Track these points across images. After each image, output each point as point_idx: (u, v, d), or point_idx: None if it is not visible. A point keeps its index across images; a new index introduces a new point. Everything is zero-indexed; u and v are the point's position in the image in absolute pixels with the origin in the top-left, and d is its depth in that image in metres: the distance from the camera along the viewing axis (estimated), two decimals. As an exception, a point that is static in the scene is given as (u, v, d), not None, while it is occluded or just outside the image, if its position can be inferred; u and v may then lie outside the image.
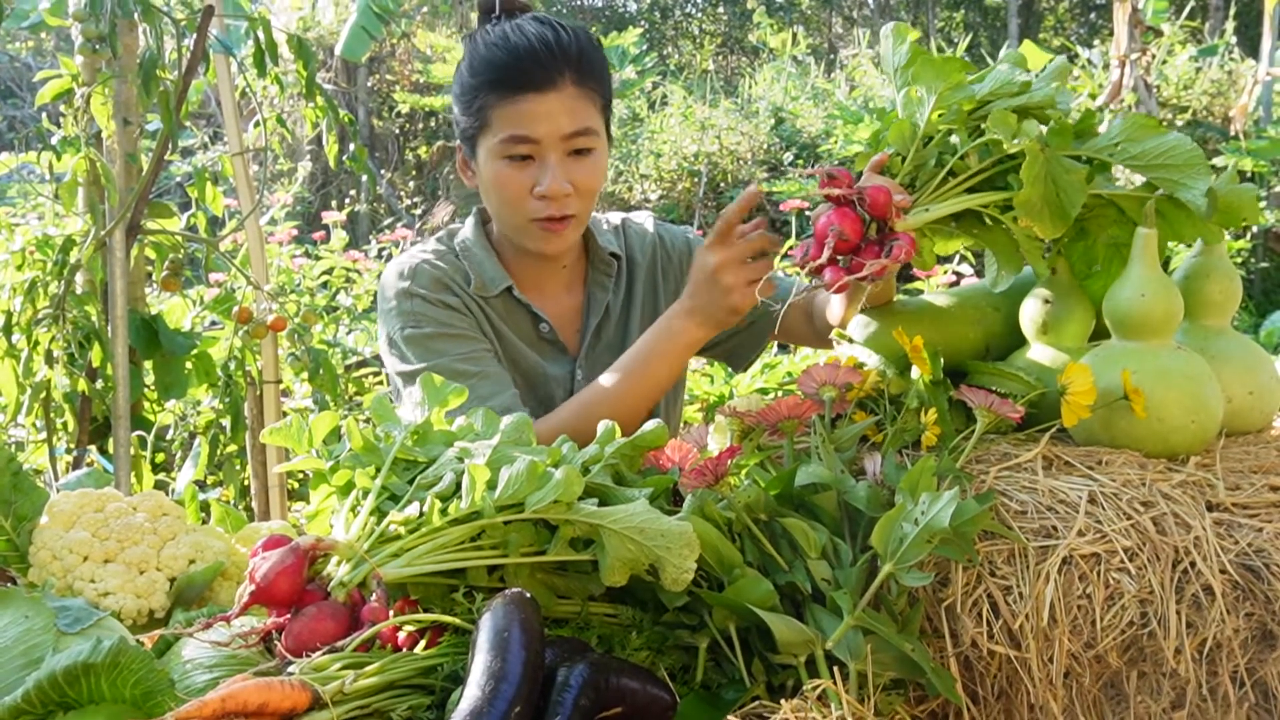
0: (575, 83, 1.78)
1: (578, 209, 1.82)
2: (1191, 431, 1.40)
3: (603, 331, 2.02)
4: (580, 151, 1.80)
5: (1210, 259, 1.58)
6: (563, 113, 1.76)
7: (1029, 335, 1.61)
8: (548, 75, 1.75)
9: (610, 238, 2.06)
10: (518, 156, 1.79)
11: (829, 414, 1.41)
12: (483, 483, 1.22)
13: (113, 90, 2.59)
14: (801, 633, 1.16)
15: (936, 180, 1.48)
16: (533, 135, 1.76)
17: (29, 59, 13.58)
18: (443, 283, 1.91)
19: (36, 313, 2.58)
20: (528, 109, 1.76)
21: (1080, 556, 1.23)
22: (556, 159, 1.78)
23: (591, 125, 1.80)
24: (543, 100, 1.75)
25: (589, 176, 1.82)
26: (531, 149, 1.78)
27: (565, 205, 1.80)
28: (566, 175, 1.79)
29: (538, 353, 1.97)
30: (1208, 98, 8.62)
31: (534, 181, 1.79)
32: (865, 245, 1.42)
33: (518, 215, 1.83)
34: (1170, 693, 1.24)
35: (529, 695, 1.00)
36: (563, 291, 2.01)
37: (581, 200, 1.82)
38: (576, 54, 1.78)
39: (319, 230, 5.37)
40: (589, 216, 1.92)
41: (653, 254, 2.08)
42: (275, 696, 0.97)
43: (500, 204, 1.85)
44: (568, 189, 1.79)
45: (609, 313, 2.02)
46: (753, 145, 9.42)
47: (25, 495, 1.34)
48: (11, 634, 1.09)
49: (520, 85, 1.75)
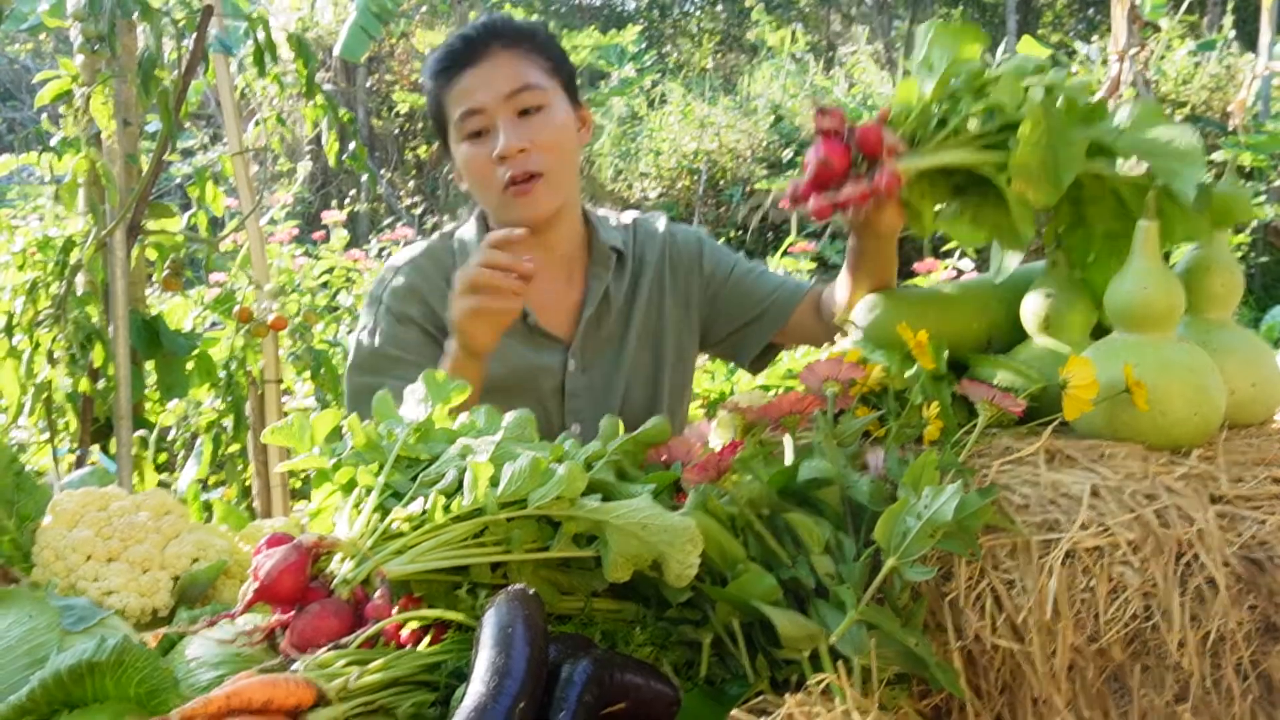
0: (505, 48, 1.87)
1: (542, 166, 1.86)
2: (1194, 424, 1.40)
3: (602, 323, 2.03)
4: (529, 111, 1.86)
5: (1212, 252, 1.57)
6: (497, 76, 1.85)
7: (1030, 329, 1.61)
8: (475, 48, 1.87)
9: (616, 233, 2.07)
10: (474, 133, 1.87)
11: (832, 409, 1.41)
12: (485, 479, 1.22)
13: (112, 90, 2.60)
14: (805, 628, 1.16)
15: (937, 138, 1.49)
16: (476, 105, 1.85)
17: (28, 61, 13.57)
18: (414, 295, 1.96)
19: (38, 313, 2.58)
20: (465, 84, 1.86)
21: (1083, 550, 1.23)
22: (505, 121, 1.84)
23: (532, 82, 1.86)
24: (476, 72, 1.86)
25: (544, 132, 1.86)
26: (482, 121, 1.85)
27: (525, 162, 1.84)
28: (519, 134, 1.84)
29: (525, 343, 1.98)
30: (1206, 92, 8.61)
31: (492, 150, 1.86)
32: (853, 179, 1.44)
33: (491, 190, 1.88)
34: (1174, 686, 1.24)
35: (533, 691, 1.00)
36: (561, 283, 2.02)
37: (545, 157, 1.86)
38: (503, 26, 1.89)
39: (319, 230, 5.37)
40: (565, 179, 1.92)
41: (662, 252, 2.09)
42: (280, 693, 0.97)
43: (475, 186, 1.91)
44: (521, 144, 1.83)
45: (609, 305, 2.03)
46: (752, 143, 9.42)
47: (28, 494, 1.34)
48: (16, 633, 1.09)
49: (456, 65, 1.87)
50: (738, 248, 9.14)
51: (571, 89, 1.96)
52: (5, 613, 1.13)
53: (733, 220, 9.00)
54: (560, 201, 1.93)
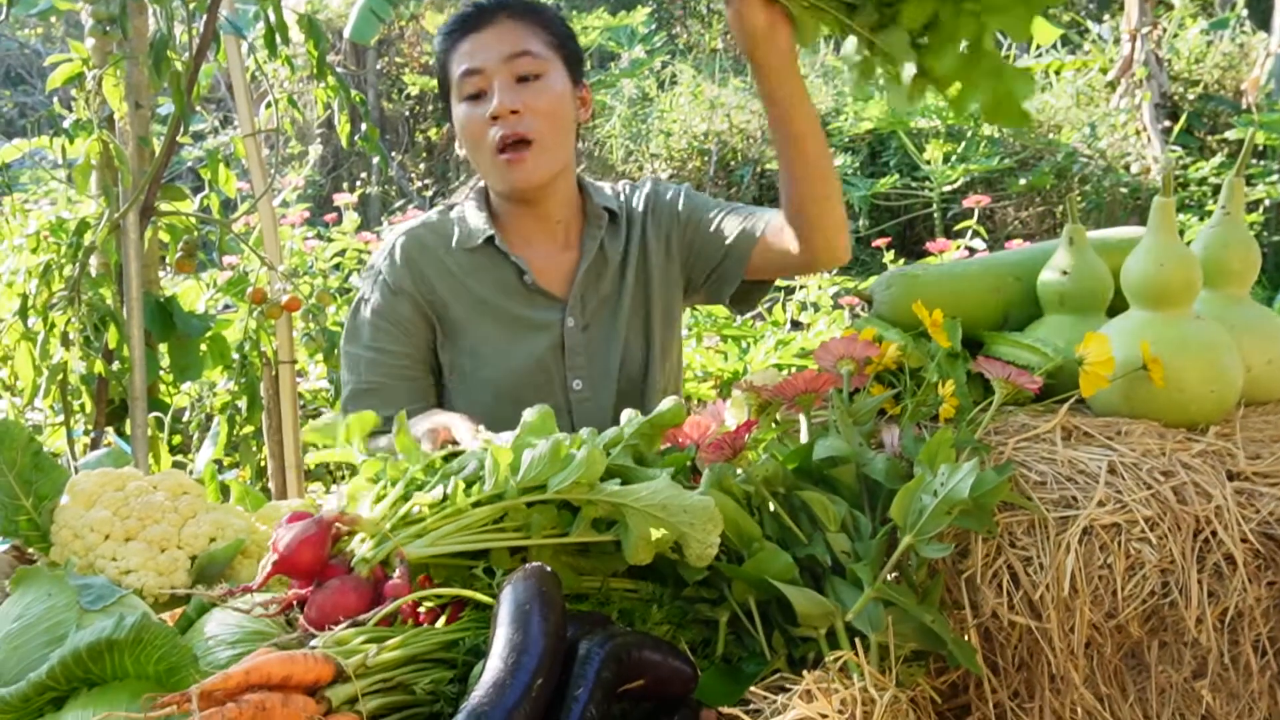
0: (511, 17, 1.93)
1: (534, 132, 1.89)
2: (1211, 400, 1.39)
3: (599, 281, 2.05)
4: (527, 78, 1.90)
5: (1229, 228, 1.57)
6: (500, 41, 1.91)
7: (1046, 306, 1.61)
8: (484, 15, 1.93)
9: (610, 197, 2.11)
10: (472, 95, 1.91)
11: (847, 387, 1.41)
12: (505, 464, 1.23)
13: (124, 73, 2.59)
14: (822, 605, 1.16)
15: None
16: (475, 65, 1.90)
17: (38, 45, 13.58)
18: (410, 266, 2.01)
19: (52, 295, 2.58)
20: (469, 46, 1.92)
21: (1100, 527, 1.23)
22: (502, 82, 1.89)
23: (532, 49, 1.91)
24: (480, 36, 1.92)
25: (539, 98, 1.90)
26: (479, 81, 1.90)
27: (516, 124, 1.88)
28: (514, 97, 1.88)
29: (523, 303, 2.01)
30: (1219, 71, 8.53)
31: (487, 110, 1.90)
32: None
33: (484, 152, 1.92)
34: (1192, 662, 1.24)
35: (551, 667, 1.00)
36: (558, 248, 2.05)
37: (538, 123, 1.90)
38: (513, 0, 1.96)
39: (331, 212, 5.36)
40: (557, 148, 1.95)
41: (647, 206, 2.12)
42: (299, 669, 0.98)
43: (470, 148, 1.96)
44: (515, 105, 1.88)
45: (605, 263, 2.06)
46: (762, 123, 9.36)
47: (46, 475, 1.34)
48: (35, 611, 1.10)
49: (462, 29, 1.94)
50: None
51: (573, 67, 2.00)
52: (25, 591, 1.14)
53: (744, 201, 8.97)
54: (553, 171, 1.96)
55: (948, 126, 7.99)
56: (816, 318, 3.93)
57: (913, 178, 7.90)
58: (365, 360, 2.00)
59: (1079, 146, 7.90)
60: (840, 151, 8.28)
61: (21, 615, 1.11)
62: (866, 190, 7.72)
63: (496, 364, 2.00)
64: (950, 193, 7.57)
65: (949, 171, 7.42)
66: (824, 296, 4.04)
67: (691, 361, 3.57)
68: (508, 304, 2.01)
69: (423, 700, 1.06)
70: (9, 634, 1.09)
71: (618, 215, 2.08)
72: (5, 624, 1.11)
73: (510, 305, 2.01)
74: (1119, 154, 7.88)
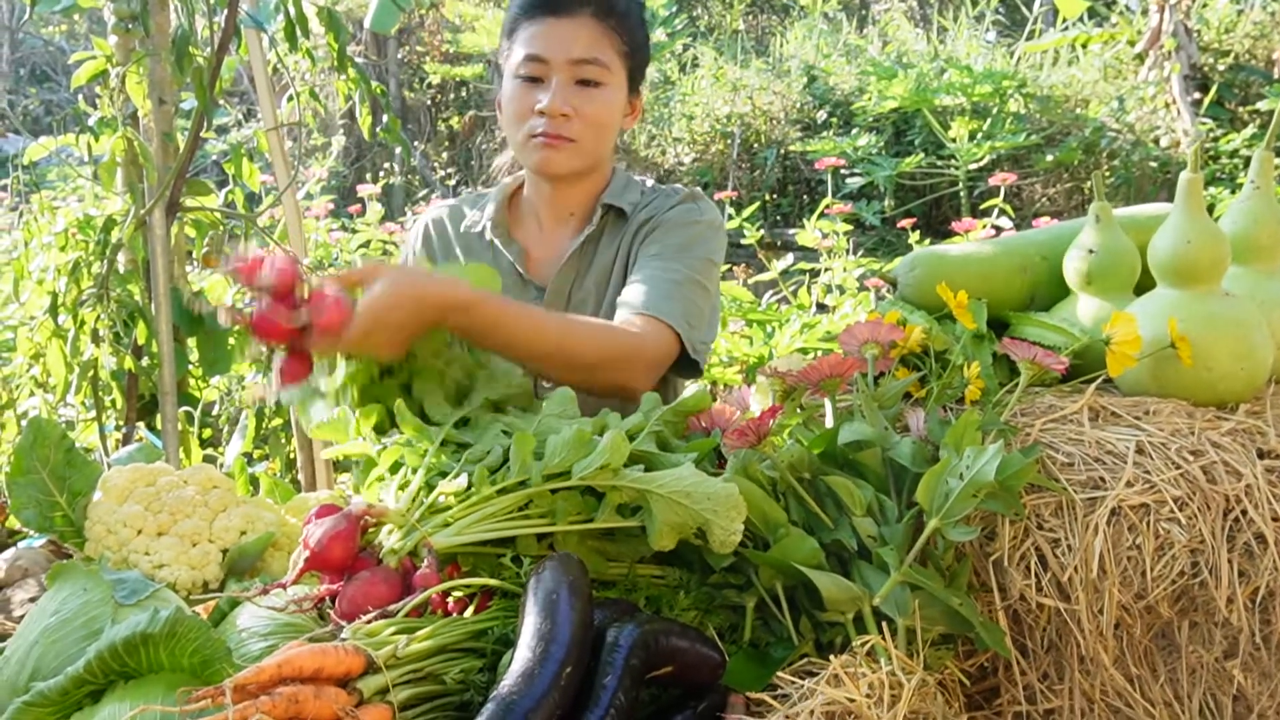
0: (594, 16, 1.88)
1: (577, 136, 1.88)
2: (1241, 379, 1.38)
3: (582, 279, 1.99)
4: (588, 82, 1.88)
5: (1257, 203, 1.55)
6: (574, 39, 1.87)
7: (1073, 286, 1.59)
8: (569, 3, 1.88)
9: (620, 194, 2.02)
10: (528, 77, 1.89)
11: (872, 371, 1.41)
12: (528, 450, 1.23)
13: (147, 70, 2.61)
14: (848, 590, 1.16)
15: None
16: (543, 54, 1.87)
17: (62, 42, 13.68)
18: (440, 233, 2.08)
19: (81, 293, 2.61)
20: (542, 30, 1.88)
21: (1129, 507, 1.22)
22: (562, 81, 1.86)
23: (602, 58, 1.88)
24: (558, 24, 1.87)
25: (592, 106, 1.88)
26: (541, 69, 1.87)
27: (562, 126, 1.87)
28: (569, 100, 1.86)
29: (515, 292, 1.96)
30: (1250, 40, 8.40)
31: (539, 100, 1.88)
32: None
33: (520, 130, 1.91)
34: (1223, 642, 1.23)
35: (579, 656, 1.01)
36: (562, 237, 2.04)
37: (585, 129, 1.88)
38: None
39: (355, 204, 5.39)
40: (594, 152, 1.94)
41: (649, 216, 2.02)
42: (330, 661, 0.99)
43: (508, 119, 1.94)
44: (566, 110, 1.86)
45: (592, 263, 2.00)
46: (785, 104, 9.32)
47: (79, 471, 1.36)
48: (71, 606, 1.11)
49: (542, 8, 1.89)
50: (773, 211, 9.02)
51: (635, 76, 1.97)
52: (61, 587, 1.15)
53: (767, 183, 8.94)
54: (580, 167, 1.95)
55: (973, 103, 7.92)
56: (842, 300, 3.91)
57: (938, 156, 7.84)
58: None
59: (1107, 121, 7.81)
60: (865, 131, 8.23)
61: (58, 610, 1.13)
62: (892, 170, 7.66)
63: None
64: (976, 170, 7.51)
65: (975, 149, 7.35)
66: (849, 279, 4.02)
67: (717, 346, 3.56)
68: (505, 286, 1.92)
69: (453, 690, 1.07)
70: (47, 629, 1.11)
71: (626, 215, 2.01)
72: (43, 619, 1.13)
73: (507, 289, 1.90)
74: (1148, 127, 7.78)
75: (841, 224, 4.18)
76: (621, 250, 2.01)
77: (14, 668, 1.10)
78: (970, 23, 9.95)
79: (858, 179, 7.66)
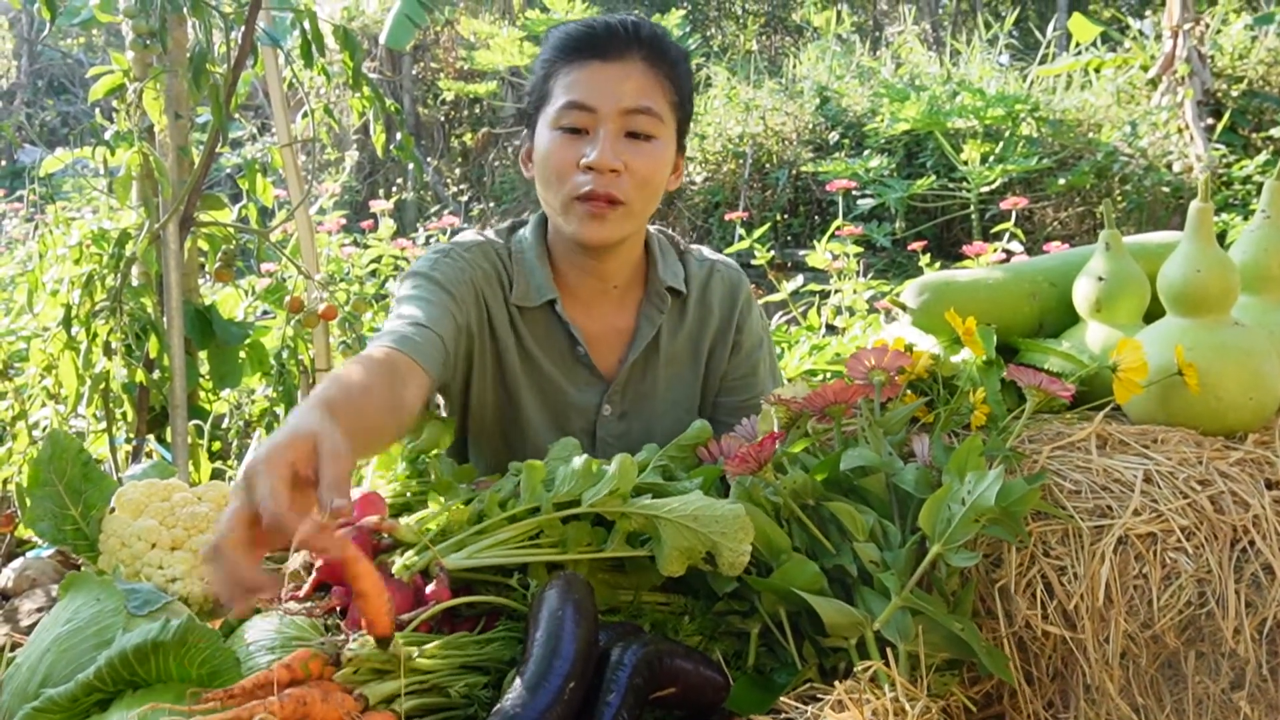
0: (645, 61, 1.69)
1: (627, 196, 1.68)
2: (1250, 408, 1.38)
3: (647, 369, 1.86)
4: (638, 135, 1.68)
5: (1269, 232, 1.55)
6: (625, 86, 1.67)
7: (1082, 312, 1.60)
8: (616, 45, 1.68)
9: (678, 270, 1.89)
10: (572, 128, 1.68)
11: (878, 396, 1.41)
12: (539, 479, 1.24)
13: (164, 85, 2.63)
14: (850, 615, 1.16)
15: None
16: (590, 103, 1.66)
17: (80, 55, 13.79)
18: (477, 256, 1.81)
19: (94, 305, 2.63)
20: (589, 75, 1.68)
21: (1136, 536, 1.22)
22: (611, 133, 1.66)
23: (655, 108, 1.68)
24: (606, 68, 1.67)
25: (643, 161, 1.68)
26: (587, 119, 1.67)
27: (612, 185, 1.67)
28: (619, 153, 1.66)
29: (567, 376, 1.83)
30: (1264, 67, 8.41)
31: (583, 154, 1.67)
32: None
33: (561, 190, 1.70)
34: (1229, 673, 1.23)
35: (583, 673, 1.01)
36: (611, 313, 1.87)
37: (634, 188, 1.69)
38: (651, 38, 1.70)
39: (367, 219, 5.42)
40: (642, 215, 1.76)
41: (721, 303, 1.93)
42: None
43: (547, 177, 1.71)
44: (616, 165, 1.65)
45: (658, 351, 1.87)
46: (798, 125, 9.35)
47: (95, 485, 1.38)
48: (84, 615, 1.12)
49: (587, 51, 1.68)
50: (784, 231, 9.02)
51: (682, 131, 1.79)
52: (75, 596, 1.17)
53: (778, 203, 8.95)
54: (628, 233, 1.77)
55: (985, 127, 7.94)
56: (851, 321, 3.91)
57: (950, 179, 7.86)
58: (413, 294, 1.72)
59: (1120, 145, 7.82)
60: (877, 153, 8.25)
61: (71, 619, 1.14)
62: (903, 192, 7.68)
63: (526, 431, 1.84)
64: (988, 193, 7.52)
65: (987, 172, 7.36)
66: (859, 301, 4.03)
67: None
68: (553, 373, 1.83)
69: (457, 703, 1.08)
70: (58, 637, 1.12)
71: (683, 295, 1.89)
72: (55, 627, 1.14)
73: (555, 375, 1.83)
74: (1161, 153, 7.79)
75: (852, 246, 4.19)
76: (684, 341, 1.89)
77: (25, 674, 1.11)
78: (983, 46, 9.98)
79: (869, 200, 7.68)
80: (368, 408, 1.31)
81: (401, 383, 1.46)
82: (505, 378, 1.82)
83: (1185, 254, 1.44)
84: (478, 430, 1.84)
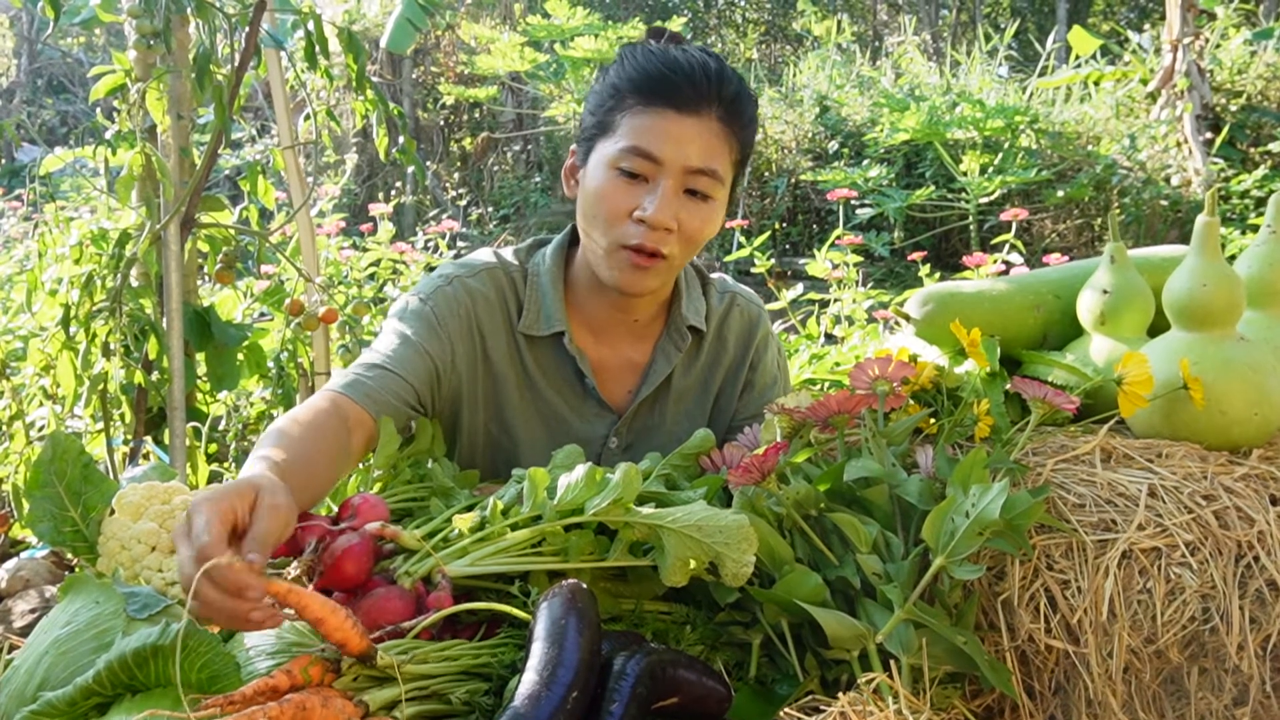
0: (721, 119, 1.63)
1: (672, 252, 1.64)
2: (1255, 424, 1.38)
3: (656, 404, 1.84)
4: (697, 194, 1.63)
5: (1274, 247, 1.55)
6: (695, 142, 1.61)
7: (1087, 326, 1.60)
8: (696, 99, 1.60)
9: (700, 306, 1.87)
10: (632, 172, 1.61)
11: (882, 407, 1.41)
12: (542, 486, 1.24)
13: (167, 85, 2.63)
14: (852, 627, 1.15)
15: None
16: (657, 154, 1.59)
17: (80, 54, 13.78)
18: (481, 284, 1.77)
19: (94, 306, 2.62)
20: (660, 124, 1.60)
21: (1140, 550, 1.22)
22: (671, 188, 1.60)
23: (719, 170, 1.63)
24: (680, 121, 1.60)
25: (697, 223, 1.63)
26: (650, 168, 1.60)
27: (661, 240, 1.62)
28: (674, 212, 1.61)
29: (573, 407, 1.80)
30: (1263, 82, 8.43)
31: (639, 204, 1.61)
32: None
33: (609, 235, 1.64)
34: (1232, 689, 1.22)
35: (586, 682, 1.01)
36: (626, 345, 1.83)
37: (680, 244, 1.64)
38: (733, 94, 1.64)
39: (366, 222, 5.41)
40: (682, 266, 1.72)
41: (738, 345, 1.91)
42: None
43: (595, 217, 1.65)
44: (670, 223, 1.60)
45: (669, 387, 1.84)
46: (797, 134, 9.37)
47: (95, 487, 1.37)
48: (83, 618, 1.12)
49: (664, 98, 1.61)
50: (783, 240, 9.03)
51: (736, 185, 1.74)
52: (74, 598, 1.16)
53: (777, 212, 8.96)
54: (665, 284, 1.76)
55: (984, 138, 7.95)
56: (851, 331, 3.91)
57: (949, 189, 7.88)
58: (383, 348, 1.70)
59: (1118, 158, 7.84)
60: (876, 162, 8.26)
61: (70, 621, 1.13)
62: (902, 201, 7.69)
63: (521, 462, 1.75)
64: (986, 204, 7.53)
65: (986, 183, 7.38)
66: (858, 310, 4.03)
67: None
68: (557, 403, 1.79)
69: (459, 710, 1.07)
70: (57, 639, 1.12)
71: (703, 333, 1.86)
72: (53, 629, 1.13)
73: (559, 405, 1.80)
74: (1159, 166, 7.81)
75: (851, 255, 4.19)
76: (696, 376, 1.87)
77: (23, 677, 1.10)
78: (983, 57, 10.00)
79: (868, 210, 7.69)
80: (317, 460, 1.39)
81: (347, 431, 1.52)
82: (502, 412, 1.79)
83: (1191, 268, 1.44)
84: (468, 459, 1.81)
